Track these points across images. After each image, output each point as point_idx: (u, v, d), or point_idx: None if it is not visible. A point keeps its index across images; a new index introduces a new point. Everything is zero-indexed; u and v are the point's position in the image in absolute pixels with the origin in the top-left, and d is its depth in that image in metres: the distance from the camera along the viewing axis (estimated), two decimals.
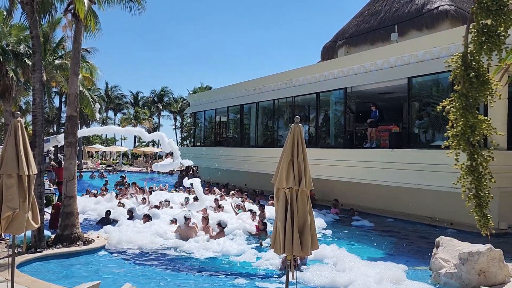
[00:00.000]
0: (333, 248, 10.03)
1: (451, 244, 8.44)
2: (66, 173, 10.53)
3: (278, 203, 5.59)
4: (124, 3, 12.46)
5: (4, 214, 6.14)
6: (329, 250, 9.82)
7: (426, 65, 13.50)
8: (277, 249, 5.52)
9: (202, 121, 29.98)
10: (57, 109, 38.88)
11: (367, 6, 22.43)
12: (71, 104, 10.81)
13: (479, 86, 3.58)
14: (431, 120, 13.97)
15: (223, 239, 10.80)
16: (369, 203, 16.62)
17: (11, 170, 6.21)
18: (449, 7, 17.38)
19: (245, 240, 11.08)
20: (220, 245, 10.38)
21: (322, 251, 9.63)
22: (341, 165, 15.96)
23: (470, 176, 3.91)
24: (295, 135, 5.55)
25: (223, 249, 10.14)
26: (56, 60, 25.58)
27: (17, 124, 6.41)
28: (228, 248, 10.16)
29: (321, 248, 9.81)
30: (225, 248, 10.20)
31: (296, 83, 19.36)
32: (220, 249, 10.17)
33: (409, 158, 13.38)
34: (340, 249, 10.01)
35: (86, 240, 10.25)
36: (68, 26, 11.72)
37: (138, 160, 54.15)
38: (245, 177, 23.17)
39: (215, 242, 10.60)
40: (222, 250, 10.14)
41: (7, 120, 23.25)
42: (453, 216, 13.42)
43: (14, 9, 11.65)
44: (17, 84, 21.84)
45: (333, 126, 18.15)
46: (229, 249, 10.13)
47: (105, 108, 60.05)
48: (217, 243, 10.55)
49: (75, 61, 11.00)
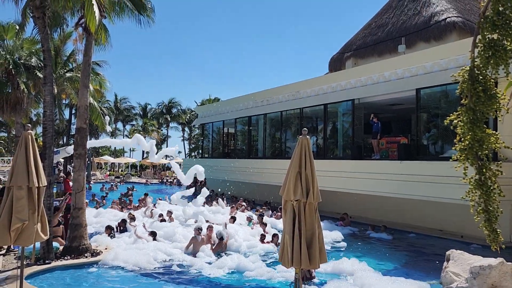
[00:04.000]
0: (353, 262, 9.70)
1: (462, 258, 8.31)
2: (75, 184, 10.59)
3: (285, 215, 5.57)
4: (134, 17, 12.64)
5: (14, 226, 6.19)
6: (348, 265, 9.52)
7: (434, 76, 13.47)
8: (285, 262, 5.49)
9: (210, 133, 30.10)
10: (67, 121, 39.35)
11: (374, 18, 22.51)
12: (81, 116, 10.92)
13: (486, 101, 3.56)
14: (440, 131, 13.89)
15: (236, 255, 10.36)
16: (377, 215, 16.47)
17: (21, 182, 6.28)
18: (456, 18, 17.38)
19: (259, 256, 10.65)
20: (234, 261, 9.87)
21: (340, 265, 9.51)
22: (350, 176, 15.88)
23: (479, 190, 3.87)
24: (303, 147, 5.55)
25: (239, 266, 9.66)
26: (67, 73, 25.93)
27: (27, 136, 6.50)
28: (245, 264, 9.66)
29: (339, 262, 9.70)
30: (241, 264, 9.72)
31: (304, 94, 19.42)
32: (235, 266, 9.68)
33: (418, 169, 13.27)
34: (360, 263, 9.69)
35: (94, 252, 10.25)
36: (79, 40, 11.93)
37: (147, 172, 54.39)
38: (253, 189, 23.13)
39: (228, 259, 10.06)
40: (237, 266, 9.65)
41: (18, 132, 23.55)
42: (464, 229, 13.24)
43: (26, 23, 11.86)
44: (28, 96, 22.15)
45: (341, 137, 18.13)
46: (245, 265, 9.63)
47: (114, 120, 60.71)
48: (231, 259, 10.03)
49: (85, 73, 11.15)
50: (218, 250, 11.17)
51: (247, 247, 11.48)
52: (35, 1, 9.56)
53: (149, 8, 12.67)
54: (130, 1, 12.26)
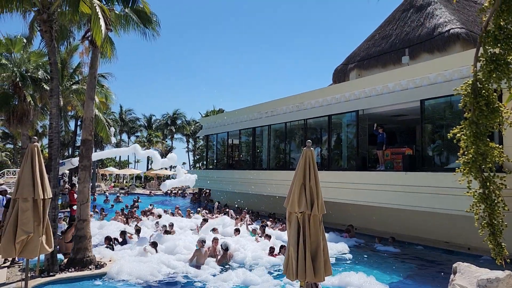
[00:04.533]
0: (360, 276, 9.55)
1: (469, 270, 8.20)
2: (80, 196, 10.62)
3: (290, 227, 5.56)
4: (139, 30, 12.79)
5: (19, 238, 6.21)
6: (355, 278, 9.37)
7: (438, 87, 13.47)
8: (290, 274, 5.46)
9: (214, 144, 30.17)
10: (73, 133, 39.59)
11: (377, 30, 22.62)
12: (86, 128, 11.00)
13: (489, 114, 3.57)
14: (445, 142, 13.84)
15: (242, 271, 10.22)
16: (382, 226, 16.36)
17: (26, 194, 6.32)
18: (460, 30, 17.42)
19: (265, 270, 10.55)
20: (240, 276, 9.75)
21: (347, 278, 9.38)
22: (354, 188, 15.83)
23: (483, 204, 3.85)
24: (307, 159, 5.56)
25: (245, 280, 9.51)
26: (73, 85, 26.21)
27: (33, 148, 6.56)
28: (251, 278, 9.53)
29: (346, 275, 9.54)
30: (247, 278, 9.58)
31: (308, 106, 19.46)
32: (241, 281, 9.53)
33: (423, 181, 13.21)
34: (368, 277, 9.54)
35: (98, 264, 10.24)
36: (85, 53, 12.08)
37: (151, 183, 54.43)
38: (258, 200, 23.09)
39: (233, 273, 9.94)
40: (243, 281, 9.49)
41: (24, 144, 23.75)
42: (471, 241, 13.11)
43: (34, 37, 12.04)
44: (34, 108, 22.36)
45: (345, 148, 18.10)
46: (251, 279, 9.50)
47: (119, 131, 61.05)
48: (236, 273, 9.92)
49: (91, 86, 11.26)
50: (223, 261, 11.13)
51: (253, 259, 11.37)
52: (43, 15, 9.71)
53: (155, 21, 12.83)
54: (135, 15, 12.42)
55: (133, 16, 12.38)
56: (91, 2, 9.46)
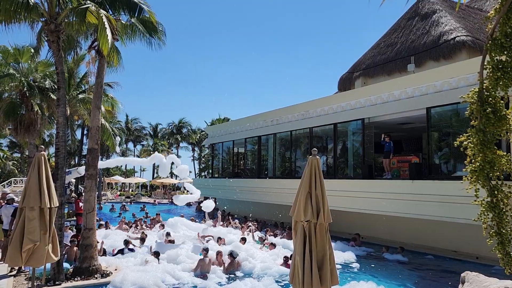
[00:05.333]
0: (370, 285, 9.46)
1: (478, 280, 8.09)
2: (86, 205, 10.65)
3: (296, 236, 5.52)
4: (145, 39, 12.89)
5: (25, 247, 6.23)
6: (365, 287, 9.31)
7: (444, 95, 13.42)
8: (296, 284, 5.41)
9: (220, 152, 30.18)
10: (79, 141, 39.86)
11: (383, 38, 22.64)
12: (93, 137, 11.06)
13: (496, 122, 3.54)
14: (452, 150, 13.74)
15: (249, 280, 10.16)
16: (389, 235, 16.22)
17: (33, 203, 6.35)
18: (465, 37, 17.39)
19: (273, 280, 10.45)
20: (248, 286, 9.67)
21: (356, 287, 9.32)
22: (360, 196, 15.73)
23: (491, 213, 3.80)
24: (313, 167, 5.54)
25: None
26: (79, 94, 26.42)
27: (40, 158, 6.60)
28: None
29: (354, 285, 9.46)
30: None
31: (313, 114, 19.45)
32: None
33: (430, 189, 13.10)
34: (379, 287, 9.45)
35: (104, 273, 10.23)
36: (92, 62, 12.17)
37: (157, 192, 54.52)
38: (263, 208, 23.01)
39: (241, 283, 9.85)
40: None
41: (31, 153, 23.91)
42: (479, 250, 12.95)
43: (41, 47, 12.19)
44: (41, 118, 22.54)
45: (351, 156, 18.02)
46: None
47: (125, 140, 61.32)
48: (244, 283, 9.84)
49: (97, 95, 11.35)
50: (231, 269, 11.06)
51: (261, 269, 11.27)
52: (50, 25, 9.83)
53: (160, 30, 12.92)
54: (141, 24, 12.52)
55: (139, 26, 12.47)
56: (98, 13, 9.56)
